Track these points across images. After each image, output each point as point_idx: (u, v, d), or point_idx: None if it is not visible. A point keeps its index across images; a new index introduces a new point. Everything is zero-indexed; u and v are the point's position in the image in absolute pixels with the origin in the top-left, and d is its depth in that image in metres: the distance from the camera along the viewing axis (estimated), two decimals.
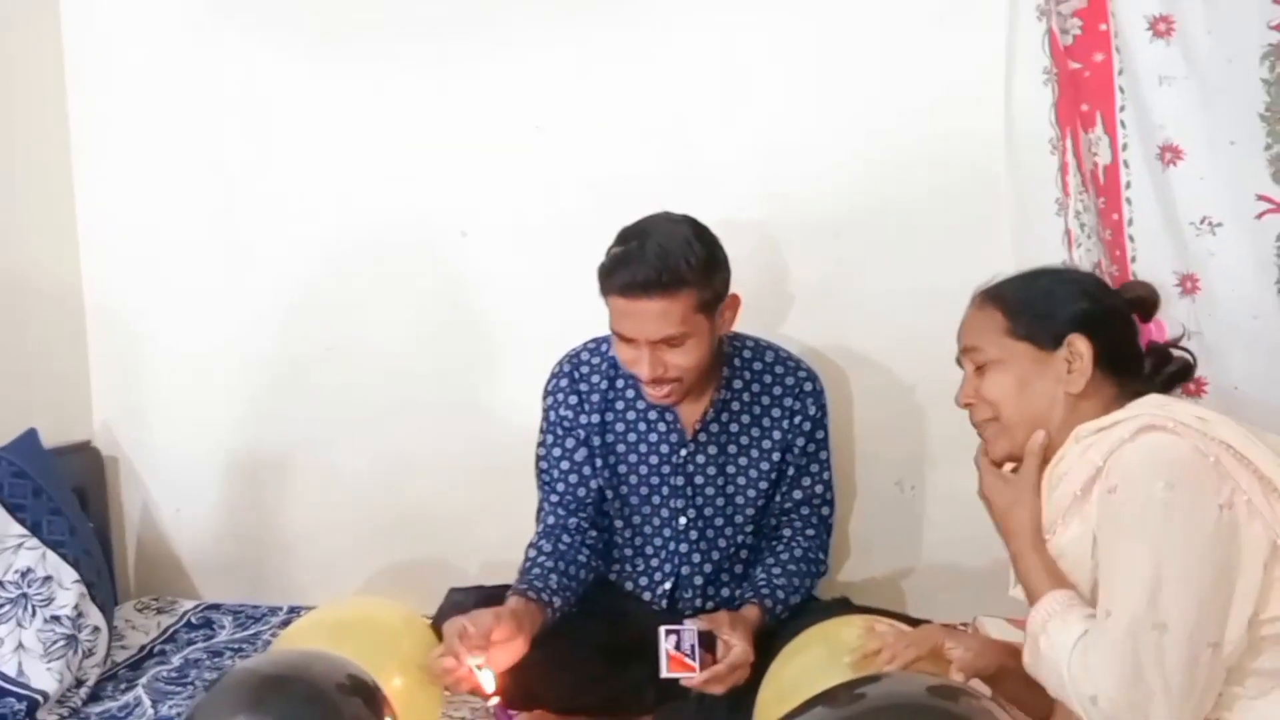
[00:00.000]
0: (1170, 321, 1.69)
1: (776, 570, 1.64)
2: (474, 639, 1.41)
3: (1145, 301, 1.30)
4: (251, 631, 2.06)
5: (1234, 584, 1.08)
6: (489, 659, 1.42)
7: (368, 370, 2.17)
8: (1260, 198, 1.65)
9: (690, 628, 1.48)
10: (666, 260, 1.48)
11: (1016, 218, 1.83)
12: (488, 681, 1.41)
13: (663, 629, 1.47)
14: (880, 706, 1.11)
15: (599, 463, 1.70)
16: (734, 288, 1.61)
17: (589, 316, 1.61)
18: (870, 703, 1.11)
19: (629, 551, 1.73)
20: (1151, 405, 1.16)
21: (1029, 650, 1.17)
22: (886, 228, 1.93)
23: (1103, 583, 1.12)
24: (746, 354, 1.70)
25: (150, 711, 1.76)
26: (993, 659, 1.28)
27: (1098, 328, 1.22)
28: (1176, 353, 1.29)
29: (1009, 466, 1.27)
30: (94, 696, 1.80)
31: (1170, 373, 1.27)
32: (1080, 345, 1.21)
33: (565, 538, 1.67)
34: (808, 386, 1.69)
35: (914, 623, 1.46)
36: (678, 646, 1.46)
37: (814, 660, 1.40)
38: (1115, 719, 1.06)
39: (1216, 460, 1.09)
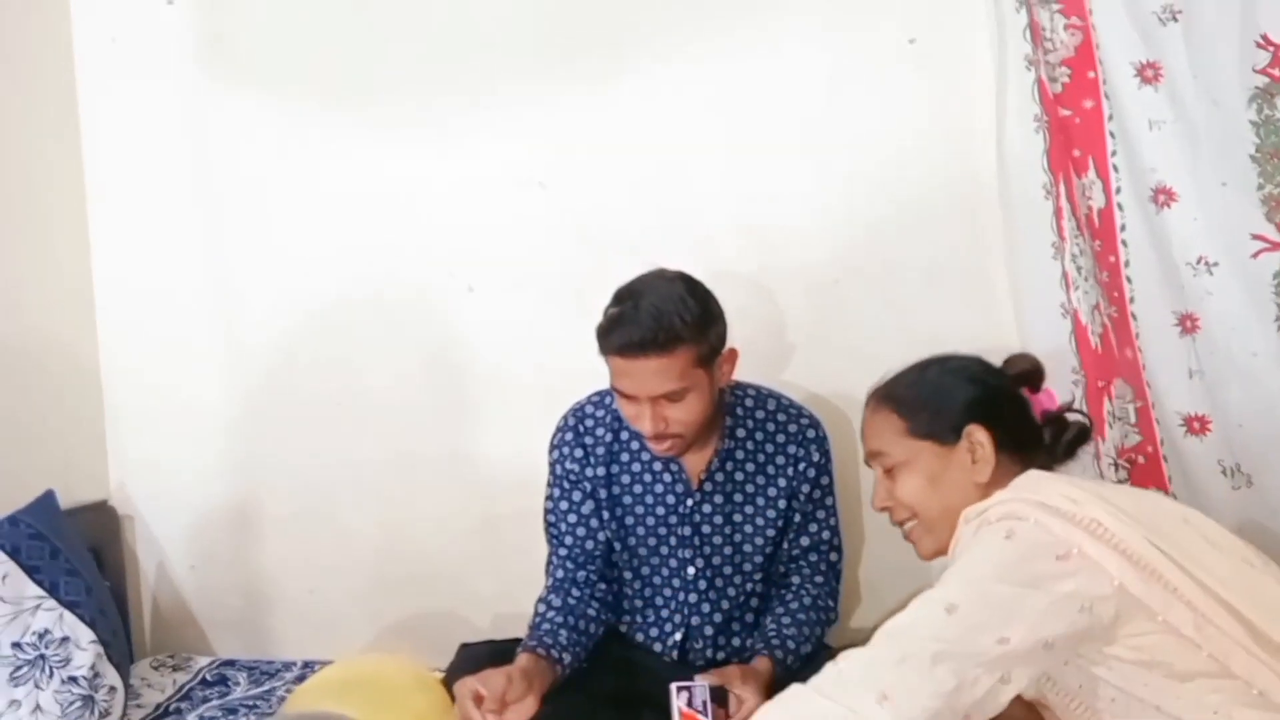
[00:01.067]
0: (1171, 361, 1.72)
1: (786, 620, 1.65)
2: (488, 702, 1.42)
3: (1031, 374, 1.33)
4: (266, 688, 2.07)
5: (1037, 603, 1.07)
6: None
7: (375, 425, 2.19)
8: (1255, 237, 1.66)
9: (702, 684, 1.48)
10: (661, 319, 1.51)
11: (1013, 262, 1.85)
12: None
13: (674, 686, 1.47)
14: None
15: (606, 515, 1.71)
16: (733, 338, 1.63)
17: (592, 369, 1.63)
18: None
19: (639, 603, 1.74)
20: (1024, 489, 1.17)
21: None
22: (883, 275, 1.95)
23: None
24: (749, 403, 1.72)
25: None
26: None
27: (991, 412, 1.25)
28: (1072, 418, 1.30)
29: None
30: None
31: (1069, 440, 1.29)
32: (979, 435, 1.23)
33: (575, 591, 1.68)
34: (810, 433, 1.70)
35: None
36: (689, 703, 1.46)
37: None
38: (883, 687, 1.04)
39: (1079, 550, 1.10)
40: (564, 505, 1.73)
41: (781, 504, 1.68)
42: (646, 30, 1.99)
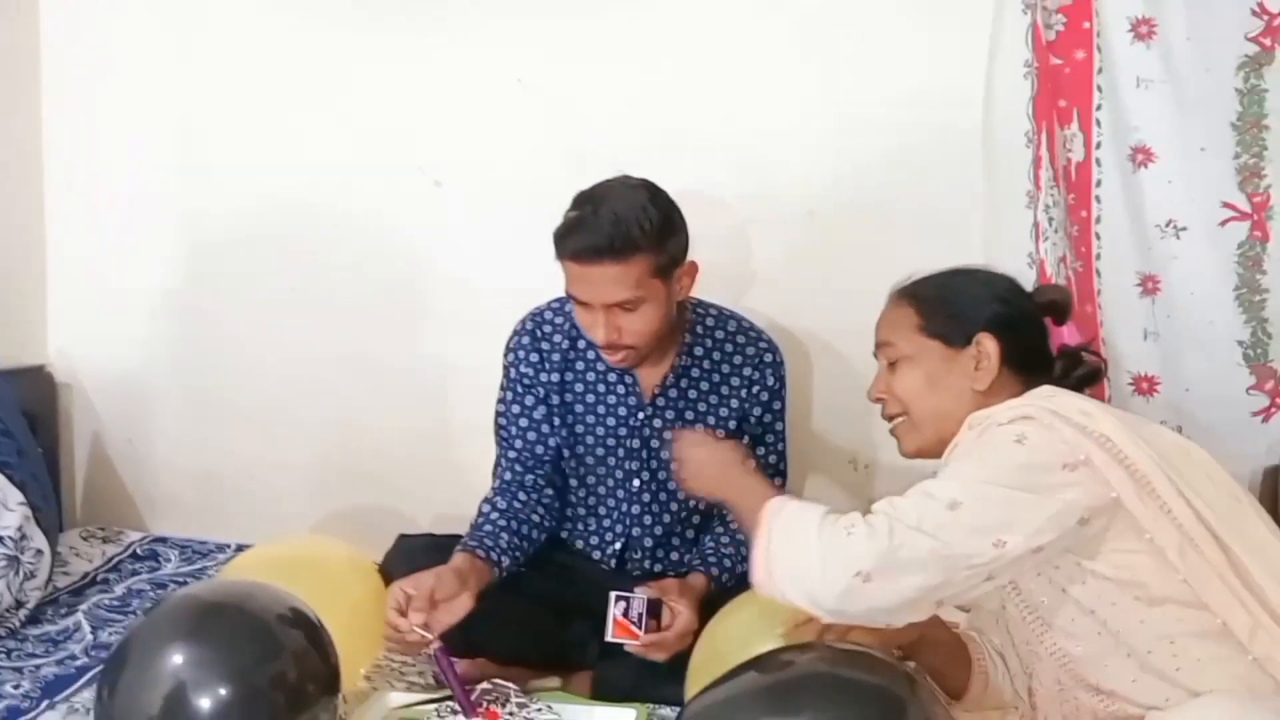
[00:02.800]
0: (1128, 320, 1.74)
1: (725, 540, 1.66)
2: (416, 601, 1.42)
3: (1058, 305, 1.34)
4: (197, 566, 2.06)
5: (1040, 510, 1.10)
6: (432, 619, 1.43)
7: (333, 320, 2.15)
8: (1225, 205, 1.68)
9: (640, 595, 1.50)
10: (619, 226, 1.48)
11: (988, 208, 1.85)
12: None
13: (613, 594, 1.49)
14: (806, 675, 1.12)
15: (557, 421, 1.70)
16: (706, 259, 1.61)
17: (554, 274, 1.60)
18: (798, 671, 1.13)
19: (582, 511, 1.74)
20: (1038, 396, 1.20)
21: (758, 552, 1.16)
22: (859, 212, 1.93)
23: None
24: (709, 322, 1.71)
25: (90, 637, 1.76)
26: (915, 628, 1.30)
27: (1007, 329, 1.26)
28: (1087, 357, 1.33)
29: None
30: (33, 619, 1.79)
31: (1079, 375, 1.30)
32: (988, 344, 1.24)
33: (520, 495, 1.68)
34: (768, 357, 1.70)
35: None
36: (625, 613, 1.48)
37: (747, 623, 1.42)
38: (863, 566, 1.08)
39: (1087, 459, 1.12)
40: (516, 408, 1.72)
41: (732, 425, 1.68)
42: None
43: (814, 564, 1.11)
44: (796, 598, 1.14)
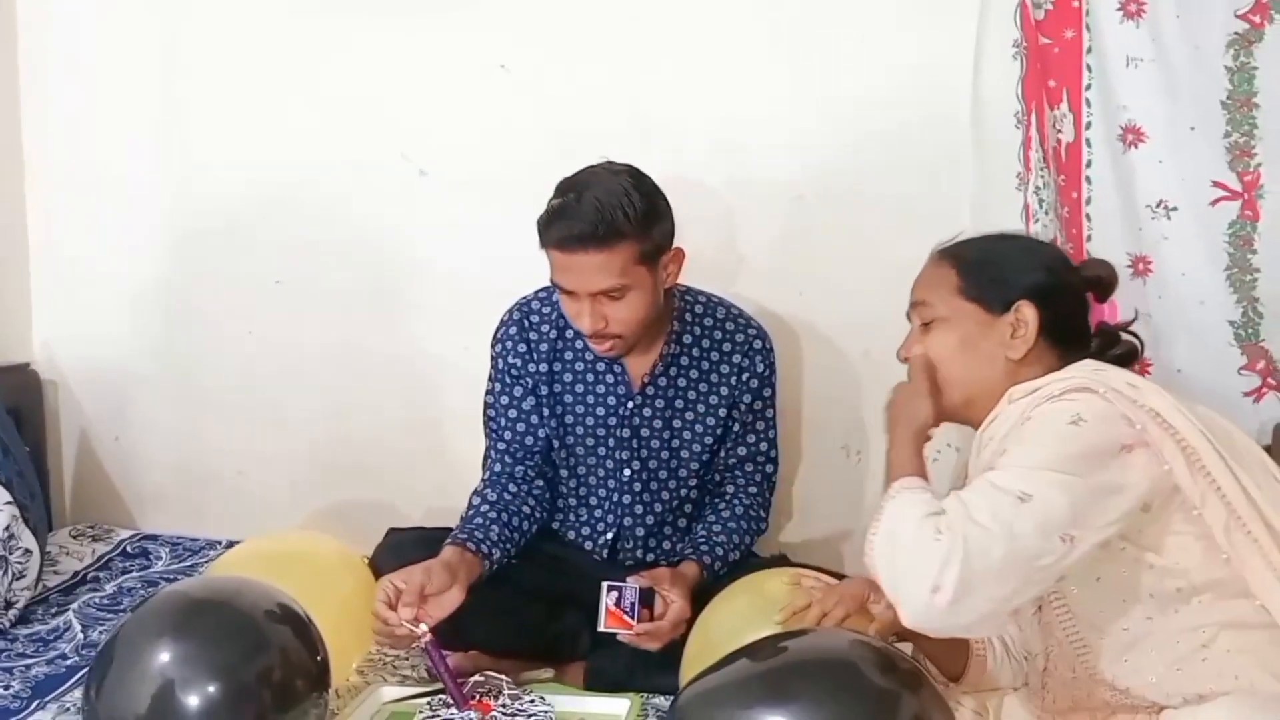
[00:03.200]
0: (1120, 302, 1.73)
1: (717, 528, 1.66)
2: (405, 596, 1.42)
3: (1102, 281, 1.31)
4: (188, 564, 2.05)
5: (1110, 503, 1.08)
6: (422, 613, 1.42)
7: (318, 307, 2.14)
8: (1215, 184, 1.67)
9: (633, 585, 1.49)
10: (603, 213, 1.47)
11: (978, 190, 1.83)
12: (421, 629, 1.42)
13: (605, 584, 1.49)
14: (802, 662, 1.12)
15: (546, 412, 1.69)
16: (693, 246, 1.60)
17: (541, 264, 1.59)
18: (792, 657, 1.13)
19: (573, 501, 1.74)
20: (1086, 369, 1.17)
21: (873, 530, 1.12)
22: (848, 197, 1.91)
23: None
24: (698, 309, 1.70)
25: (80, 636, 1.75)
26: None
27: (1048, 299, 1.23)
28: (1125, 336, 1.30)
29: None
30: (23, 619, 1.78)
31: (1115, 354, 1.28)
32: (1027, 312, 1.21)
33: (511, 487, 1.67)
34: (757, 344, 1.69)
35: (842, 577, 1.47)
36: (618, 603, 1.47)
37: (740, 611, 1.42)
38: (947, 569, 1.02)
39: (1143, 428, 1.11)
40: (504, 400, 1.71)
41: (722, 412, 1.68)
42: None
43: (897, 572, 1.08)
44: (886, 589, 1.10)
